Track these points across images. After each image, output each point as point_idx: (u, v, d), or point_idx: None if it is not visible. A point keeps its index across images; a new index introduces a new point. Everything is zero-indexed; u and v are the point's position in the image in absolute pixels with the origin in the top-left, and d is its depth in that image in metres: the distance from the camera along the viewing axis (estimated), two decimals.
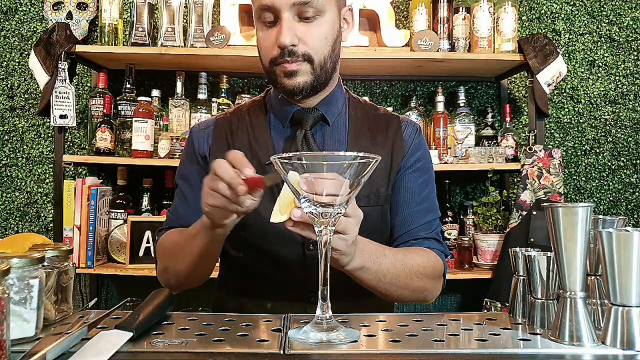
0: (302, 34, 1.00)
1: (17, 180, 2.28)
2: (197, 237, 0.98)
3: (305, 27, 1.01)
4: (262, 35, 1.05)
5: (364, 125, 1.14)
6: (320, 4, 1.00)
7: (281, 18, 0.99)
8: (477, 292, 2.08)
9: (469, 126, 2.18)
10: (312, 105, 1.10)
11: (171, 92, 2.17)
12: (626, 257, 0.63)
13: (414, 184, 1.14)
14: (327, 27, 1.03)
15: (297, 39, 1.00)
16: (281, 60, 1.01)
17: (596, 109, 2.35)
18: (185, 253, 1.03)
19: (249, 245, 1.09)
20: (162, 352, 0.64)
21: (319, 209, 0.69)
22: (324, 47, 1.03)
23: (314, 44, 1.01)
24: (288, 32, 0.98)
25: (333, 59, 1.06)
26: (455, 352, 0.65)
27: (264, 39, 1.04)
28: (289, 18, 0.99)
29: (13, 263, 0.65)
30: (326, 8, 1.02)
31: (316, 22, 1.01)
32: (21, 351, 0.62)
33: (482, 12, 2.09)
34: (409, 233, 1.12)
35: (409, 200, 1.13)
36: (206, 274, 1.09)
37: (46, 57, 1.96)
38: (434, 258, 1.09)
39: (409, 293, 1.03)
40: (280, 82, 1.04)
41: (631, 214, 2.32)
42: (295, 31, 1.00)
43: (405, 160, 1.13)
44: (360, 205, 1.07)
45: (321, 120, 1.11)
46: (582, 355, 0.64)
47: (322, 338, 0.67)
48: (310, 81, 1.03)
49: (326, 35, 1.03)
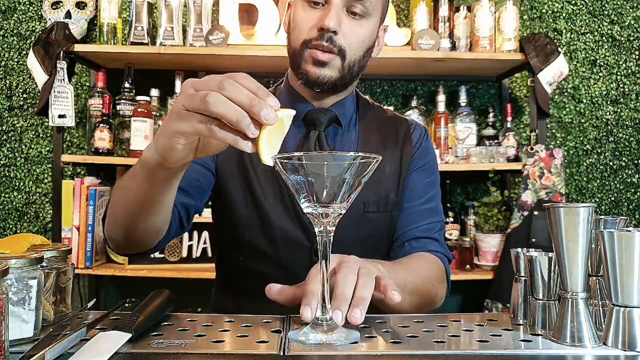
0: (346, 27, 0.99)
1: (16, 180, 2.28)
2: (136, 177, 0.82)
3: (349, 21, 1.00)
4: (302, 14, 1.02)
5: (374, 128, 1.13)
6: (371, 5, 1.00)
7: (331, 2, 0.98)
8: (478, 293, 2.08)
9: (470, 126, 2.18)
10: (326, 106, 1.09)
11: (170, 91, 2.17)
12: (628, 257, 0.63)
13: (420, 183, 1.13)
14: (368, 31, 1.03)
15: (340, 29, 0.98)
16: (316, 43, 0.98)
17: (598, 109, 2.34)
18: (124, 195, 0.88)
19: (251, 248, 1.07)
20: (162, 353, 0.64)
21: (319, 209, 0.68)
22: (359, 48, 1.02)
23: (352, 40, 1.00)
24: (335, 17, 0.97)
25: (360, 65, 1.05)
26: (456, 353, 0.65)
27: (304, 19, 1.01)
28: (339, 5, 0.98)
29: (11, 263, 0.65)
30: (373, 13, 1.02)
31: (360, 22, 1.01)
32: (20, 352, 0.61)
33: (483, 11, 2.09)
34: (411, 232, 1.10)
35: (414, 198, 1.11)
36: (153, 231, 0.92)
37: (45, 57, 1.96)
38: (437, 262, 1.07)
39: (421, 300, 0.97)
40: (305, 68, 1.01)
41: (633, 214, 2.32)
42: (341, 20, 0.99)
43: (412, 161, 1.13)
44: (370, 210, 1.06)
45: (334, 122, 1.09)
46: (584, 356, 0.64)
47: (322, 339, 0.67)
48: (335, 78, 1.01)
49: (364, 38, 1.02)
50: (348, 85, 1.07)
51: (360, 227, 1.05)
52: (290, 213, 1.04)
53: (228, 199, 1.08)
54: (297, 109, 1.08)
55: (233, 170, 1.07)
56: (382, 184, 1.07)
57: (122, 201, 0.89)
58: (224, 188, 1.08)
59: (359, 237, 1.05)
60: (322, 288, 0.70)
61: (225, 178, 1.08)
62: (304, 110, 1.07)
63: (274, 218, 1.04)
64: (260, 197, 1.04)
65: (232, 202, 1.07)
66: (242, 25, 2.15)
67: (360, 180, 0.68)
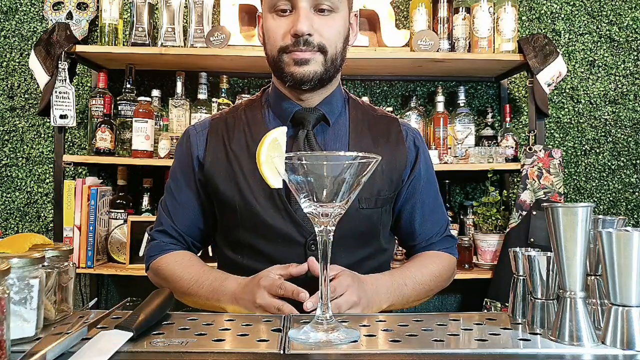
0: (319, 26, 1.01)
1: (17, 180, 2.28)
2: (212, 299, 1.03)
3: (321, 19, 1.01)
4: (273, 23, 1.03)
5: (365, 126, 1.14)
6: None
7: (298, 7, 0.99)
8: (477, 292, 2.08)
9: (468, 126, 2.18)
10: (313, 105, 1.10)
11: (171, 92, 2.17)
12: (626, 257, 0.63)
13: (429, 197, 1.19)
14: (341, 23, 1.04)
15: (314, 29, 1.00)
16: (293, 48, 1.00)
17: (596, 109, 2.35)
18: (193, 295, 1.07)
19: (249, 248, 1.09)
20: (162, 352, 0.64)
21: (319, 209, 0.69)
22: (337, 41, 1.04)
23: (329, 35, 1.02)
24: (306, 20, 0.99)
25: (342, 56, 1.07)
26: (455, 352, 0.65)
27: (276, 27, 1.03)
28: (306, 7, 1.00)
29: (13, 263, 0.65)
30: (340, 5, 1.03)
31: (331, 17, 1.03)
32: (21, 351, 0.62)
33: (482, 12, 2.09)
34: (427, 241, 1.20)
35: (426, 213, 1.19)
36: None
37: (46, 57, 1.96)
38: (448, 260, 1.18)
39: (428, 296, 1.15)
40: (289, 70, 1.03)
41: (631, 214, 2.32)
42: (312, 22, 1.00)
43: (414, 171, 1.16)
44: (362, 207, 1.08)
45: (322, 121, 1.11)
46: (582, 355, 0.64)
47: (322, 338, 0.67)
48: (320, 72, 1.03)
49: (340, 29, 1.04)
50: (332, 79, 1.09)
51: (356, 223, 1.08)
52: (281, 212, 1.06)
53: (221, 203, 1.11)
54: (285, 110, 1.10)
55: (223, 175, 1.10)
56: (374, 181, 1.09)
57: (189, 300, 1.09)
58: (216, 192, 1.11)
59: (356, 232, 1.09)
60: (322, 287, 0.71)
61: (216, 183, 1.10)
62: (292, 110, 1.09)
63: (266, 218, 1.06)
64: (250, 199, 1.06)
65: (225, 206, 1.10)
66: (242, 26, 2.15)
67: (360, 180, 0.68)
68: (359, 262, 1.09)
